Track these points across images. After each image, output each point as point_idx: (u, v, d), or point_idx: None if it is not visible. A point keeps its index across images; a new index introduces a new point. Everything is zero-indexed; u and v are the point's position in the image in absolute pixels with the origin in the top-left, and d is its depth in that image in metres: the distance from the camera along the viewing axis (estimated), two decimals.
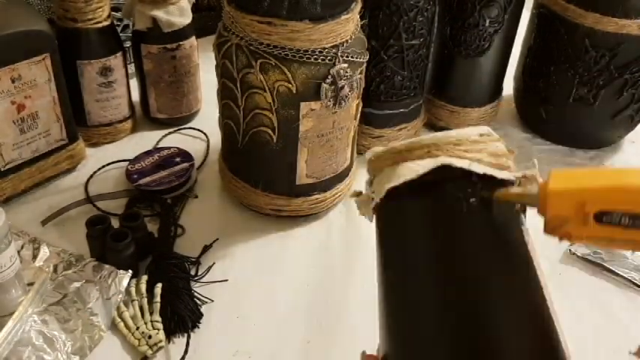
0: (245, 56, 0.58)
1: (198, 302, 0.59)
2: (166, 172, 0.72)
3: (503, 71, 0.85)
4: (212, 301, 0.59)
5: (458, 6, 0.76)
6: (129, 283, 0.57)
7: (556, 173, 0.28)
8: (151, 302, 0.57)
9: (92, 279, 0.57)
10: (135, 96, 0.82)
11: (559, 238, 0.28)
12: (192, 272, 0.62)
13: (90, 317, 0.55)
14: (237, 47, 0.58)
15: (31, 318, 0.54)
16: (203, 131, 0.83)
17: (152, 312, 0.56)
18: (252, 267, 0.64)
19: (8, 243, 0.52)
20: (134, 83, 0.82)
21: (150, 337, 0.54)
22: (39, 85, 0.66)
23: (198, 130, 0.83)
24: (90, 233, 0.60)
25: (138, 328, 0.55)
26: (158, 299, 0.57)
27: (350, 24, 0.59)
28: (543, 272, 0.30)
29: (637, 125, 0.83)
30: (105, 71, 0.74)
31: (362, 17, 0.63)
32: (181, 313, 0.56)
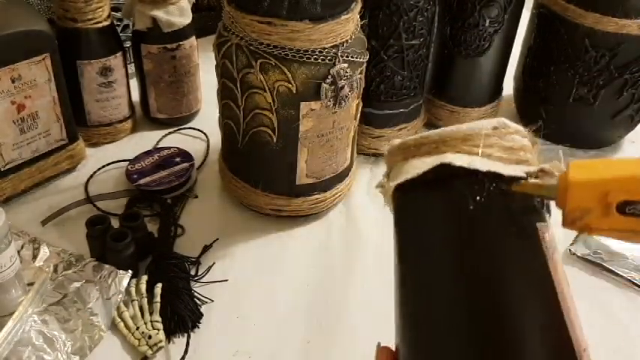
0: (245, 56, 0.58)
1: (198, 302, 0.59)
2: (166, 172, 0.72)
3: (503, 71, 0.85)
4: (212, 301, 0.59)
5: (458, 6, 0.76)
6: (129, 283, 0.57)
7: (576, 163, 0.27)
8: (151, 302, 0.57)
9: (92, 279, 0.57)
10: (135, 96, 0.82)
11: (578, 231, 0.27)
12: (192, 272, 0.62)
13: (90, 317, 0.55)
14: (237, 47, 0.58)
15: (31, 318, 0.54)
16: (203, 131, 0.83)
17: (152, 312, 0.56)
18: (252, 267, 0.64)
19: (8, 243, 0.52)
20: (134, 83, 0.82)
21: (150, 337, 0.54)
22: (39, 85, 0.65)
23: (198, 130, 0.83)
24: (90, 233, 0.60)
25: (138, 328, 0.55)
26: (158, 299, 0.57)
27: (350, 24, 0.59)
28: (557, 268, 0.29)
29: (637, 125, 0.83)
30: (105, 71, 0.74)
31: (362, 17, 0.63)
32: (181, 313, 0.56)
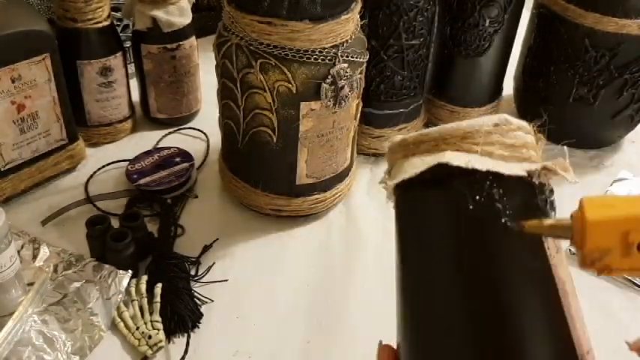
0: (245, 56, 0.58)
1: (198, 302, 0.59)
2: (166, 172, 0.72)
3: (503, 71, 0.85)
4: (212, 301, 0.59)
5: (458, 6, 0.76)
6: (129, 283, 0.57)
7: (590, 201, 0.26)
8: (151, 302, 0.57)
9: (92, 279, 0.57)
10: (135, 96, 0.82)
11: (598, 272, 0.26)
12: (192, 272, 0.62)
13: (90, 317, 0.55)
14: (237, 47, 0.58)
15: (31, 318, 0.54)
16: (203, 131, 0.83)
17: (152, 312, 0.56)
18: (252, 267, 0.64)
19: (8, 243, 0.52)
20: (134, 83, 0.82)
21: (150, 337, 0.54)
22: (39, 85, 0.65)
23: (198, 130, 0.83)
24: (90, 233, 0.60)
25: (138, 328, 0.55)
26: (158, 299, 0.57)
27: (350, 24, 0.59)
28: (561, 268, 0.28)
29: (637, 125, 0.83)
30: (105, 71, 0.74)
31: (362, 17, 0.63)
32: (181, 313, 0.56)
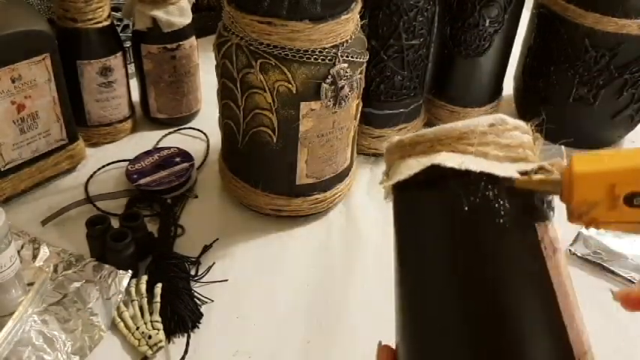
0: (245, 56, 0.58)
1: (198, 302, 0.59)
2: (166, 172, 0.72)
3: (503, 71, 0.85)
4: (212, 301, 0.59)
5: (458, 6, 0.76)
6: (129, 283, 0.57)
7: (579, 157, 0.27)
8: (151, 302, 0.57)
9: (92, 279, 0.57)
10: (135, 96, 0.82)
11: (585, 225, 0.27)
12: (192, 272, 0.62)
13: (90, 317, 0.55)
14: (237, 47, 0.58)
15: (31, 318, 0.54)
16: (203, 131, 0.83)
17: (152, 312, 0.56)
18: (252, 267, 0.64)
19: (8, 243, 0.52)
20: (134, 83, 0.82)
21: (150, 337, 0.54)
22: (39, 85, 0.65)
23: (198, 130, 0.83)
24: (90, 233, 0.60)
25: (138, 328, 0.55)
26: (158, 299, 0.57)
27: (350, 24, 0.59)
28: (559, 269, 0.28)
29: (637, 125, 0.83)
30: (105, 71, 0.74)
31: (362, 17, 0.63)
32: (181, 313, 0.56)
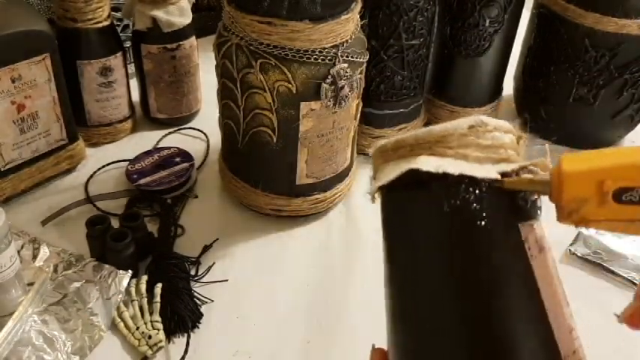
0: (245, 56, 0.58)
1: (198, 302, 0.59)
2: (166, 172, 0.72)
3: (503, 71, 0.85)
4: (212, 301, 0.59)
5: (458, 6, 0.76)
6: (129, 283, 0.57)
7: (567, 156, 0.27)
8: (151, 302, 0.57)
9: (92, 279, 0.57)
10: (135, 96, 0.82)
11: (575, 225, 0.27)
12: (192, 272, 0.62)
13: (90, 317, 0.55)
14: (237, 47, 0.58)
15: (31, 318, 0.54)
16: (203, 131, 0.83)
17: (152, 312, 0.56)
18: (252, 267, 0.64)
19: (8, 243, 0.52)
20: (134, 83, 0.82)
21: (150, 337, 0.54)
22: (39, 85, 0.65)
23: (198, 130, 0.83)
24: (90, 233, 0.60)
25: (138, 328, 0.55)
26: (158, 299, 0.57)
27: (350, 24, 0.59)
28: (546, 269, 0.28)
29: (637, 125, 0.83)
30: (105, 71, 0.74)
31: (362, 17, 0.63)
32: (181, 313, 0.56)
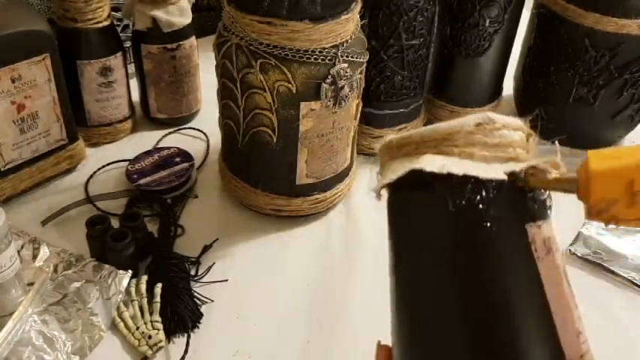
0: (245, 56, 0.58)
1: (198, 302, 0.59)
2: (166, 172, 0.72)
3: (503, 71, 0.85)
4: (212, 301, 0.59)
5: (458, 6, 0.76)
6: (129, 283, 0.57)
7: (594, 153, 0.26)
8: (151, 302, 0.57)
9: (92, 279, 0.57)
10: (135, 96, 0.82)
11: (605, 223, 0.26)
12: (192, 272, 0.62)
13: (90, 317, 0.55)
14: (237, 47, 0.58)
15: (31, 318, 0.54)
16: (203, 131, 0.83)
17: (152, 312, 0.56)
18: (252, 267, 0.64)
19: (8, 243, 0.52)
20: (134, 83, 0.82)
21: (150, 337, 0.54)
22: (39, 85, 0.65)
23: (198, 130, 0.83)
24: (90, 233, 0.60)
25: (138, 328, 0.55)
26: (158, 299, 0.57)
27: (350, 24, 0.59)
28: (554, 270, 0.28)
29: (637, 125, 0.83)
30: (105, 71, 0.74)
31: (362, 17, 0.63)
32: (181, 313, 0.56)
